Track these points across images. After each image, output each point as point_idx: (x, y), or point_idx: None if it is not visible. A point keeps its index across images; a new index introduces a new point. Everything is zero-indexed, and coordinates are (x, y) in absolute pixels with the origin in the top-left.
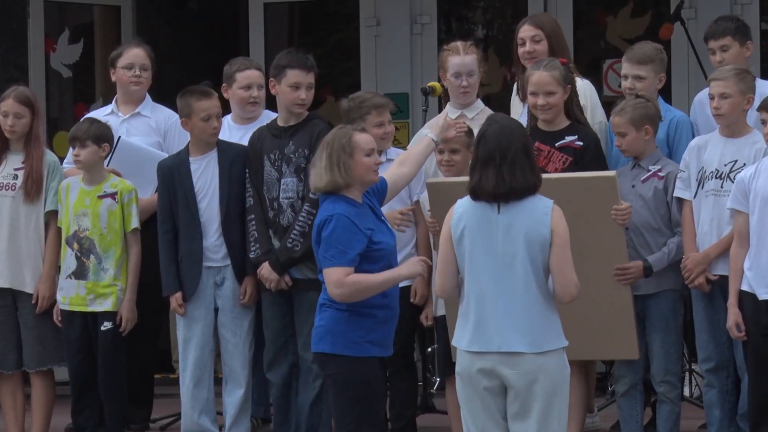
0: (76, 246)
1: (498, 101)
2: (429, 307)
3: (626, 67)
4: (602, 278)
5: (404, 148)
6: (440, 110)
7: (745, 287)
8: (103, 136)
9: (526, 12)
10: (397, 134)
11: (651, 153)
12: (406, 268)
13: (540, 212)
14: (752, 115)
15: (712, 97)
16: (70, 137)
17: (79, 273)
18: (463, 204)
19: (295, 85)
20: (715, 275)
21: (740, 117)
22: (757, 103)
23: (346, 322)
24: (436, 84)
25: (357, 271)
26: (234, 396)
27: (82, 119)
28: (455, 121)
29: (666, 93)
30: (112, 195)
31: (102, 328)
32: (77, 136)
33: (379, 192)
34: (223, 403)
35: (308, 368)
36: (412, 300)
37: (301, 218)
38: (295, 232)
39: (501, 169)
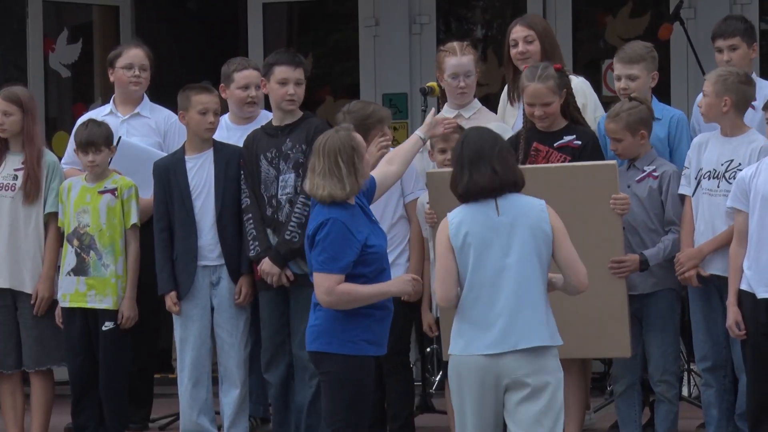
0: (76, 242)
1: (496, 101)
2: (428, 315)
3: (618, 68)
4: (598, 271)
5: None
6: (439, 111)
7: (744, 286)
8: (111, 137)
9: (525, 12)
10: (396, 134)
11: (646, 154)
12: (396, 285)
13: (538, 210)
14: (757, 117)
15: None
16: (84, 142)
17: (79, 269)
18: (460, 212)
19: (283, 81)
20: (707, 273)
21: (722, 118)
22: (760, 103)
23: (343, 321)
24: (434, 84)
25: (350, 272)
26: (230, 396)
27: (83, 121)
28: (443, 118)
29: (665, 93)
30: (112, 191)
31: (103, 328)
32: (94, 142)
33: (368, 191)
34: (220, 404)
35: (304, 367)
36: (402, 298)
37: (297, 210)
38: (292, 224)
39: (492, 163)
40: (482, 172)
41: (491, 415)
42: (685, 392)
